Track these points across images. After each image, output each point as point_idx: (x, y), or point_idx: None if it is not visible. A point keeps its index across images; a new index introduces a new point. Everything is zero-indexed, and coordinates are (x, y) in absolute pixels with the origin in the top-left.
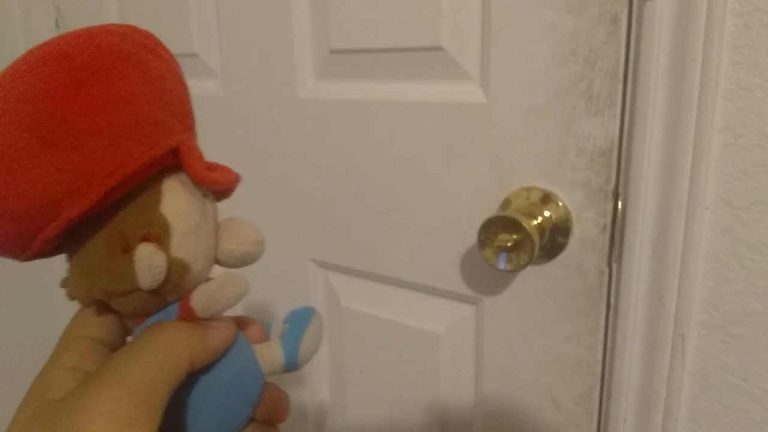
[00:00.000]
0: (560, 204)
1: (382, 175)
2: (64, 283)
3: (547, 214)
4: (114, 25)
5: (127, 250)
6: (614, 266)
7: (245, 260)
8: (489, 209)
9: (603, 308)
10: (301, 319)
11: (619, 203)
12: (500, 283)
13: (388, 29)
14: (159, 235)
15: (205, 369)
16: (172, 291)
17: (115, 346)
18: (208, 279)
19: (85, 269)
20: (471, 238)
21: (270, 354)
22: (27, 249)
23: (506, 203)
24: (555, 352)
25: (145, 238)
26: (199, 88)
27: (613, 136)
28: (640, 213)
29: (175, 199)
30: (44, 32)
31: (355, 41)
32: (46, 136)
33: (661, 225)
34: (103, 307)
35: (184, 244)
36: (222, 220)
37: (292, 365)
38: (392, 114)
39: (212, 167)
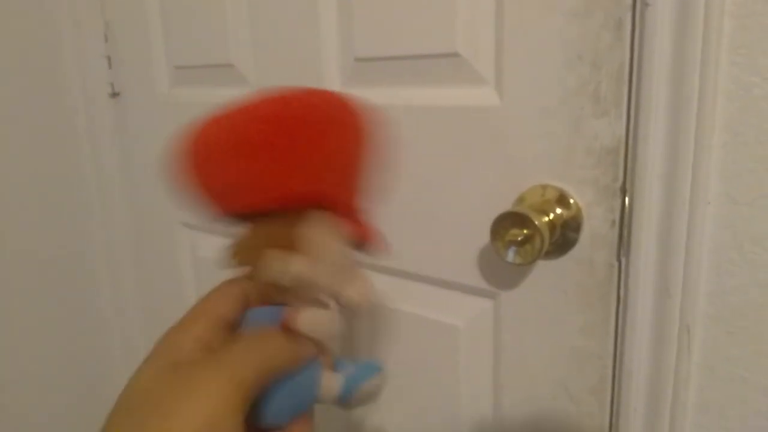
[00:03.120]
0: (572, 201)
1: (404, 175)
2: (230, 248)
3: (558, 211)
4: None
5: (274, 247)
6: (623, 260)
7: (351, 307)
8: (504, 206)
9: (613, 301)
10: (370, 369)
11: (627, 199)
12: (516, 278)
13: (408, 38)
14: (301, 251)
15: None
16: (290, 295)
17: (235, 324)
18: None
19: (248, 245)
20: (487, 234)
21: (331, 383)
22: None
23: (521, 200)
24: (568, 344)
25: (290, 247)
26: (233, 97)
27: (620, 135)
28: (645, 208)
29: (326, 233)
30: (95, 45)
31: (379, 49)
32: (242, 147)
33: (666, 220)
34: (232, 290)
35: (317, 269)
36: (354, 268)
37: (344, 401)
38: (413, 117)
39: (359, 223)
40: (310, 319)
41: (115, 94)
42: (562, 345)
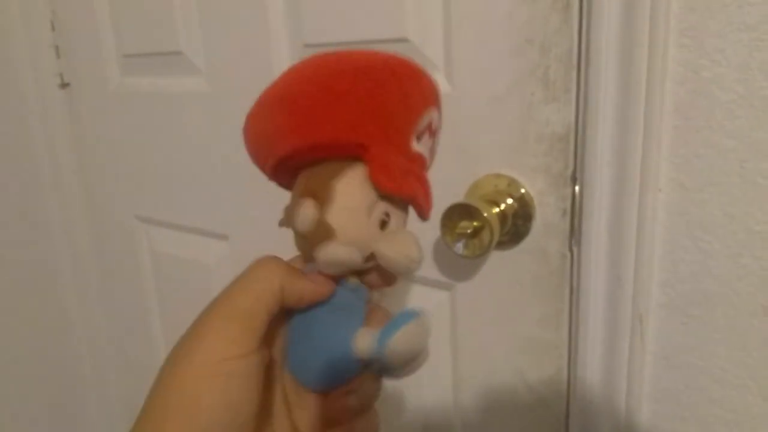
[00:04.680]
0: (523, 190)
1: None
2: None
3: (510, 200)
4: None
5: (303, 197)
6: (575, 250)
7: (390, 266)
8: (457, 197)
9: (567, 291)
10: (404, 316)
11: (577, 188)
12: (471, 269)
13: (357, 23)
14: (323, 199)
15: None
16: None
17: None
18: None
19: (290, 204)
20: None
21: (365, 341)
22: (263, 168)
23: (474, 190)
24: (525, 335)
25: (313, 196)
26: (184, 85)
27: (570, 121)
28: (596, 197)
29: (350, 182)
30: (42, 34)
31: (328, 35)
32: (284, 102)
33: (616, 208)
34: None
35: (338, 216)
36: (400, 229)
37: (379, 354)
38: None
39: (403, 177)
40: (328, 251)
41: (65, 85)
42: (519, 335)
